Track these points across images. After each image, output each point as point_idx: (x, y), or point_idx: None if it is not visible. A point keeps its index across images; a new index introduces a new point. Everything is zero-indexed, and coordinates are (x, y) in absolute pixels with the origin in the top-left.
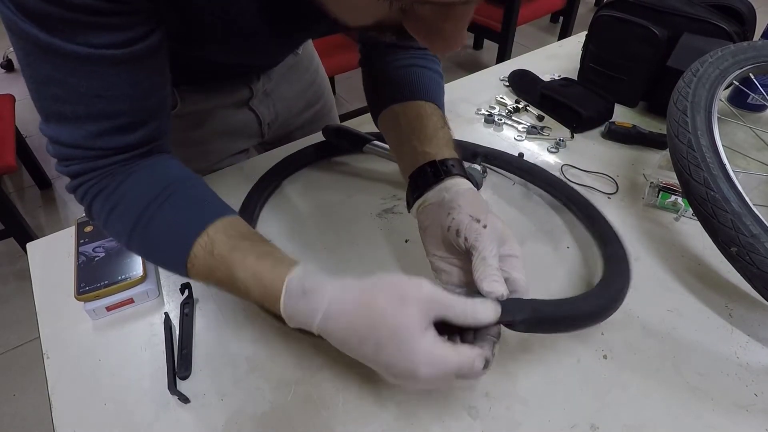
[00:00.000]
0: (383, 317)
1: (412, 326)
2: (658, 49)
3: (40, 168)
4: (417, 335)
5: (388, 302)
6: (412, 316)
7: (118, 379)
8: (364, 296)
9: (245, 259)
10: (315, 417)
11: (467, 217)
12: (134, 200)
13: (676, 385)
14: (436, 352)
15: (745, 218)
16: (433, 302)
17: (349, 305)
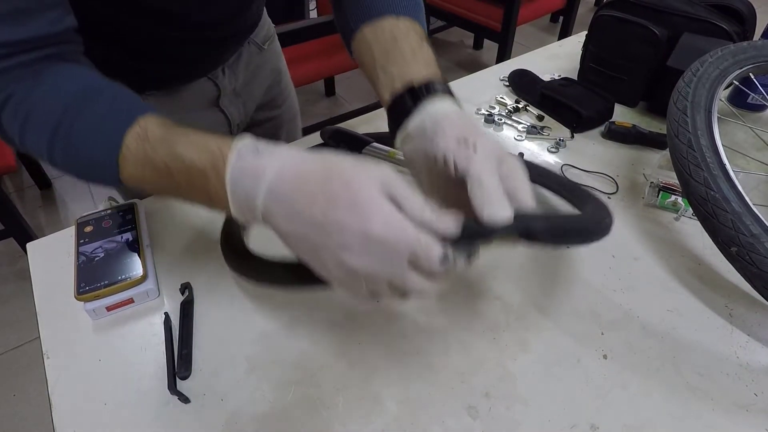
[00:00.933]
0: (340, 170)
1: (371, 185)
2: (658, 49)
3: (40, 168)
4: (375, 194)
5: (349, 162)
6: (371, 179)
7: (118, 379)
8: (323, 158)
9: (188, 135)
10: (315, 417)
11: (453, 141)
12: (50, 106)
13: (676, 385)
14: (394, 217)
15: (745, 218)
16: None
17: (306, 164)
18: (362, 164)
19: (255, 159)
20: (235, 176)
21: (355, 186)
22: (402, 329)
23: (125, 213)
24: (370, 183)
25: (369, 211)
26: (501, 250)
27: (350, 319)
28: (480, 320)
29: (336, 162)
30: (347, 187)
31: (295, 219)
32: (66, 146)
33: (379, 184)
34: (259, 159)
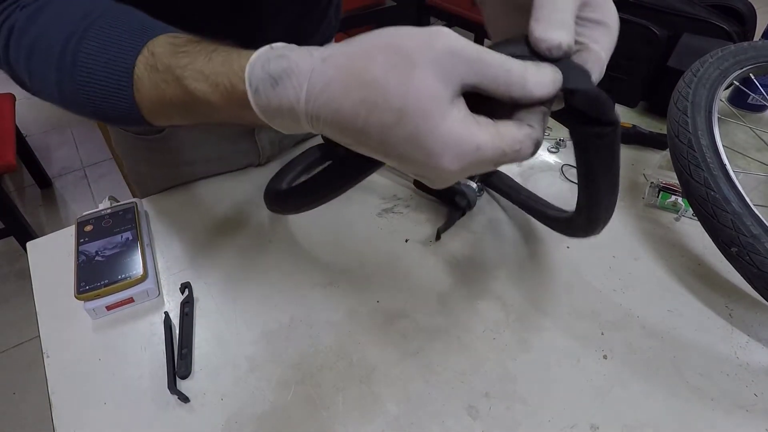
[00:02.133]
0: (384, 93)
1: (428, 100)
2: (658, 49)
3: (40, 167)
4: (436, 113)
5: (389, 69)
6: (425, 86)
7: (118, 379)
8: (354, 65)
9: (194, 63)
10: (315, 417)
11: None
12: (53, 34)
13: (676, 385)
14: (467, 137)
15: (745, 218)
16: (457, 59)
17: (336, 83)
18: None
19: (276, 96)
20: (268, 115)
21: (411, 116)
22: (402, 330)
23: (125, 212)
24: (429, 96)
25: (436, 146)
26: (501, 251)
27: (350, 319)
28: (480, 320)
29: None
30: (400, 119)
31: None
32: (73, 84)
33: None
34: (281, 94)
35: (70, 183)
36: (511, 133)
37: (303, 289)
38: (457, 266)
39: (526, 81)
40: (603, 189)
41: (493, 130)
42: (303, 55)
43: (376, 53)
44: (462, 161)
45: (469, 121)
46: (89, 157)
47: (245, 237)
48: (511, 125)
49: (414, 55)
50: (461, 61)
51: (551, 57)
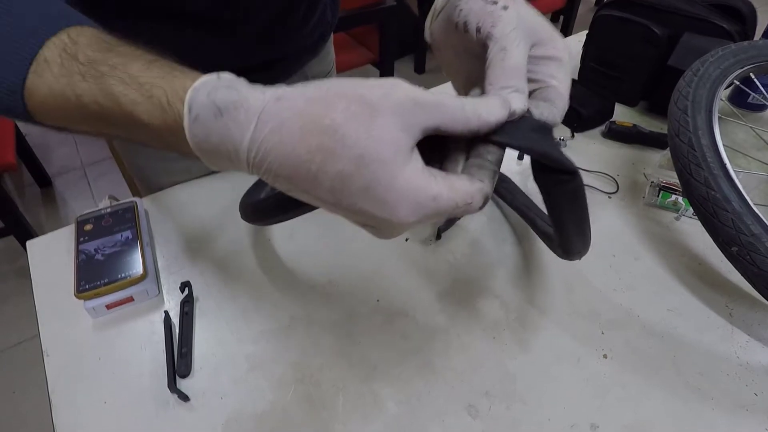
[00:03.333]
0: (344, 140)
1: (388, 148)
2: (658, 49)
3: (40, 166)
4: (396, 162)
5: (350, 116)
6: (387, 134)
7: (117, 378)
8: (312, 110)
9: (128, 66)
10: (315, 417)
11: (479, 2)
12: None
13: (676, 385)
14: (425, 187)
15: (745, 218)
16: (418, 107)
17: (291, 126)
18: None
19: (219, 127)
20: (201, 148)
21: (371, 166)
22: (402, 329)
23: (125, 211)
24: (389, 147)
25: (392, 198)
26: (501, 250)
27: (350, 319)
28: (480, 320)
29: (336, 115)
30: (359, 169)
31: (297, 194)
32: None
33: (399, 133)
34: (225, 127)
35: (70, 182)
36: (464, 186)
37: (303, 289)
38: (457, 266)
39: (479, 112)
40: (571, 230)
41: (449, 182)
42: (254, 91)
43: (337, 100)
44: (418, 212)
45: (426, 173)
46: (89, 156)
47: (245, 236)
48: (464, 179)
49: (376, 103)
50: (421, 108)
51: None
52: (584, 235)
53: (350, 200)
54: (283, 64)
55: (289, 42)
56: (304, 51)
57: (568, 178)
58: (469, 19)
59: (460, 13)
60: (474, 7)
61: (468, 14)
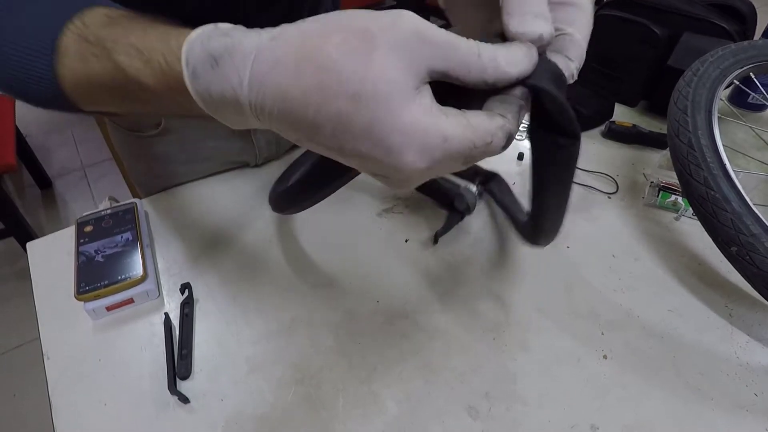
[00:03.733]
0: (339, 76)
1: (388, 85)
2: (658, 49)
3: (40, 167)
4: (397, 100)
5: (347, 50)
6: (386, 69)
7: (118, 380)
8: (308, 45)
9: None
10: (315, 417)
11: None
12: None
13: (676, 385)
14: (433, 126)
15: (745, 218)
16: (424, 43)
17: (286, 63)
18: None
19: (216, 77)
20: (204, 99)
21: (369, 102)
22: (402, 330)
23: (125, 213)
24: (389, 81)
25: (396, 140)
26: (501, 251)
27: (350, 320)
28: (480, 320)
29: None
30: (356, 107)
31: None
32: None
33: (401, 68)
34: (221, 75)
35: (70, 183)
36: (482, 123)
37: (303, 289)
38: (457, 266)
39: (498, 61)
40: (551, 202)
41: (463, 120)
42: (249, 33)
43: (334, 33)
44: (427, 156)
45: (436, 111)
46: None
47: (245, 237)
48: (482, 116)
49: (376, 36)
50: (428, 45)
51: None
52: (559, 214)
53: (353, 145)
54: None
55: None
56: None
57: (568, 143)
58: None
59: None
60: None
61: None
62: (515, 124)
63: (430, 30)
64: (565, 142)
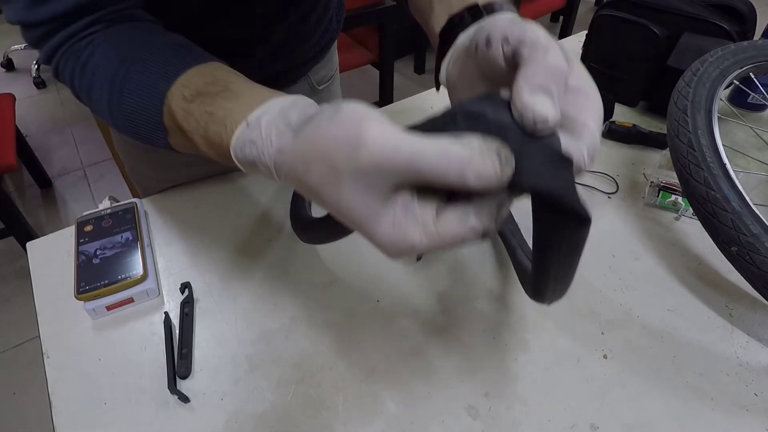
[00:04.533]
0: (323, 199)
1: (358, 212)
2: (658, 49)
3: (40, 167)
4: (369, 221)
5: (321, 182)
6: (353, 200)
7: (118, 379)
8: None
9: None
10: (315, 417)
11: (506, 20)
12: (100, 79)
13: (676, 385)
14: (400, 239)
15: (745, 218)
16: (384, 169)
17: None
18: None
19: (255, 168)
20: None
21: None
22: (402, 329)
23: (125, 212)
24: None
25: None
26: (501, 251)
27: (350, 319)
28: (480, 320)
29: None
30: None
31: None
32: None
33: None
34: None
35: (70, 183)
36: (451, 229)
37: (303, 289)
38: (457, 266)
39: (465, 174)
40: (553, 274)
41: (431, 229)
42: (267, 145)
43: (312, 163)
44: (400, 255)
45: (403, 223)
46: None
47: (245, 237)
48: (453, 220)
49: (341, 168)
50: (390, 169)
51: (534, 132)
52: (565, 283)
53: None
54: (291, 73)
55: (299, 53)
56: (311, 59)
57: (575, 226)
58: (493, 33)
59: (482, 32)
60: (499, 22)
61: (491, 29)
62: (491, 222)
63: (391, 153)
64: (573, 225)
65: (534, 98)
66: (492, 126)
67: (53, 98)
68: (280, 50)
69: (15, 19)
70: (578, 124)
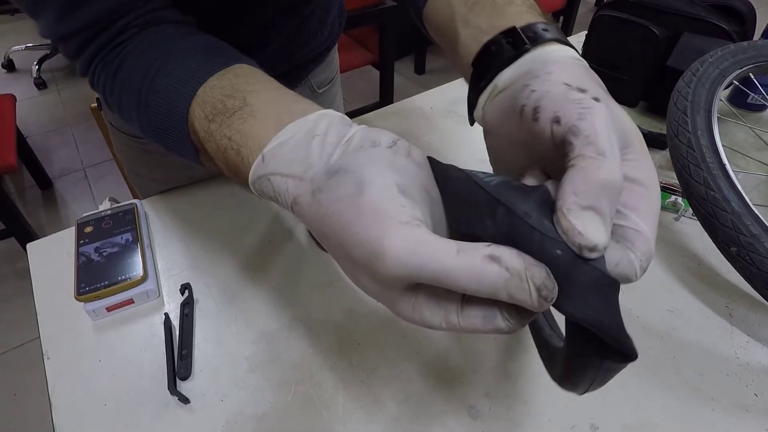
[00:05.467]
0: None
1: (375, 290)
2: (658, 49)
3: (41, 168)
4: (386, 301)
5: (337, 255)
6: (370, 285)
7: (118, 380)
8: (314, 226)
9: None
10: (315, 417)
11: (561, 85)
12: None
13: (676, 385)
14: (418, 319)
15: (745, 218)
16: (409, 277)
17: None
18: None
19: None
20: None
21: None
22: (402, 329)
23: (125, 213)
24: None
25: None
26: None
27: (350, 319)
28: None
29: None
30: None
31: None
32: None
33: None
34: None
35: (71, 184)
36: (473, 325)
37: (303, 289)
38: None
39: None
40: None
41: (453, 320)
42: (283, 191)
43: (329, 238)
44: (414, 323)
45: (423, 307)
46: (90, 157)
47: (245, 238)
48: (478, 317)
49: (358, 263)
50: (405, 276)
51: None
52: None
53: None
54: (291, 76)
55: (300, 57)
56: (312, 61)
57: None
58: (543, 105)
59: (531, 94)
60: (553, 90)
61: (542, 98)
62: (519, 326)
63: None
64: (615, 360)
65: (583, 222)
66: (536, 238)
67: (54, 99)
68: (281, 54)
69: (48, 34)
70: (631, 229)
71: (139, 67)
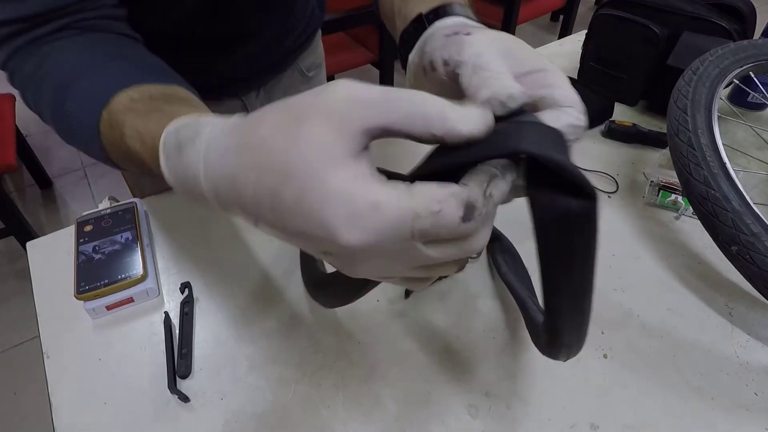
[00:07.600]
0: (269, 152)
1: (314, 154)
2: (658, 48)
3: (40, 167)
4: (323, 168)
5: (275, 127)
6: (311, 139)
7: (118, 379)
8: (245, 130)
9: (135, 121)
10: (315, 416)
11: (441, 38)
12: (46, 89)
13: (676, 385)
14: (361, 192)
15: (745, 217)
16: (357, 104)
17: (229, 148)
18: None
19: (180, 160)
20: (172, 182)
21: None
22: (402, 329)
23: (125, 212)
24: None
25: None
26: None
27: (350, 319)
28: (480, 320)
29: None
30: (285, 179)
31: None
32: (63, 131)
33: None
34: (183, 158)
35: (70, 183)
36: (426, 190)
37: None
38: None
39: (446, 115)
40: (568, 301)
41: (402, 186)
42: (209, 122)
43: (268, 114)
44: (359, 227)
45: (369, 178)
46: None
47: (245, 236)
48: (432, 185)
49: (304, 109)
50: (361, 105)
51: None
52: (581, 315)
53: (291, 221)
54: (281, 62)
55: (288, 43)
56: (299, 47)
57: (579, 206)
58: (434, 57)
59: (424, 55)
60: (436, 44)
61: (432, 52)
62: (478, 191)
63: (364, 91)
64: (578, 205)
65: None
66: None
67: None
68: (270, 42)
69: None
70: (555, 92)
71: (69, 61)
